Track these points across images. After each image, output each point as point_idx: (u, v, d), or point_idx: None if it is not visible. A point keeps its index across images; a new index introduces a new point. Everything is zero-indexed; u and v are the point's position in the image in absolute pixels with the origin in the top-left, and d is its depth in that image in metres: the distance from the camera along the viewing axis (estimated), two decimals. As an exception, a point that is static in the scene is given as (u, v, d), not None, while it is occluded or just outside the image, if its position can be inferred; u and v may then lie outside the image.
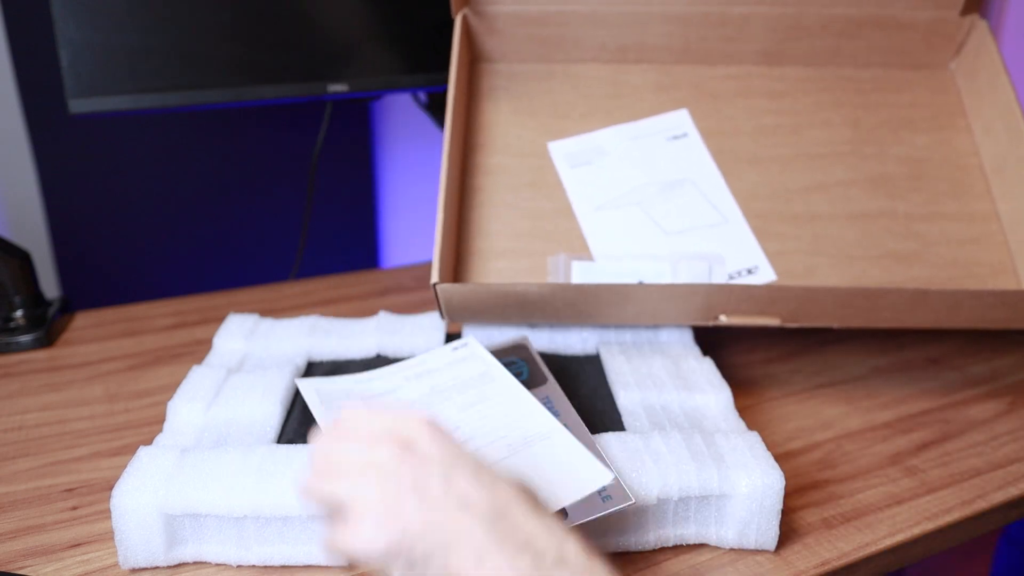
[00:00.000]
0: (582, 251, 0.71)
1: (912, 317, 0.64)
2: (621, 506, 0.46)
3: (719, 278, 0.68)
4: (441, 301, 0.63)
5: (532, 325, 0.70)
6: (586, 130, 0.77)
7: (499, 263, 0.71)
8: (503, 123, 0.77)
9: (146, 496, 0.47)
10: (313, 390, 0.57)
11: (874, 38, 0.79)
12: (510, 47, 0.79)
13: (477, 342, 0.63)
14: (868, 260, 0.71)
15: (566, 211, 0.73)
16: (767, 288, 0.62)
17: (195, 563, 0.49)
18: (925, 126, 0.78)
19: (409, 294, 0.91)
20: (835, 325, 0.65)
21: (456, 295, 0.63)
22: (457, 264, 0.70)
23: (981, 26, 0.77)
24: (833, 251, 0.71)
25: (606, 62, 0.80)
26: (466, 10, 0.77)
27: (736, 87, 0.79)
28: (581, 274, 0.69)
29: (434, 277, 0.62)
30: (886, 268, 0.71)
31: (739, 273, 0.67)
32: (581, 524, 0.49)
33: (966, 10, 0.77)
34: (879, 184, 0.75)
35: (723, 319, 0.64)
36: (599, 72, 0.80)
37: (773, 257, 0.71)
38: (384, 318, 0.72)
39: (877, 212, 0.73)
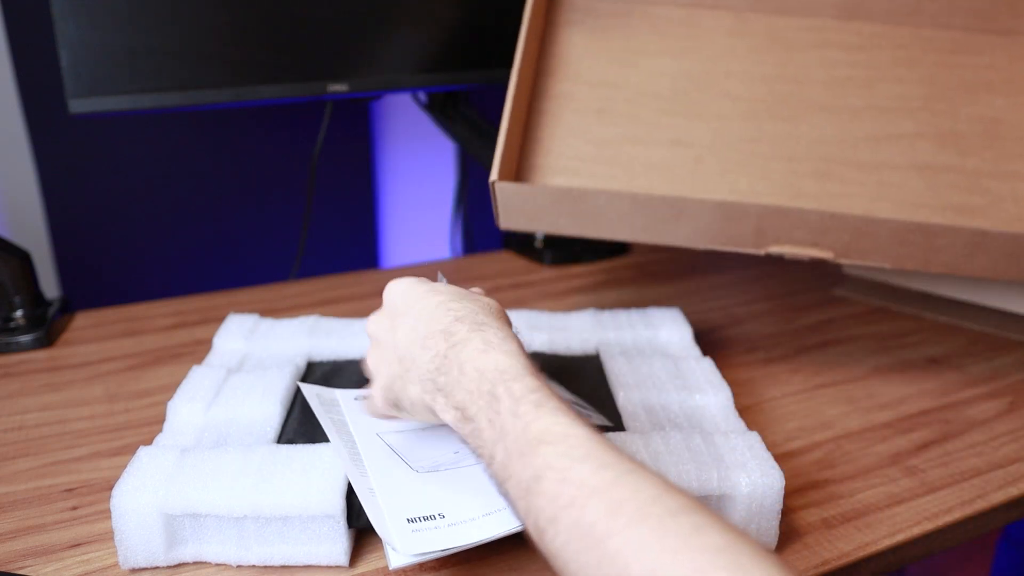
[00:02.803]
0: (643, 181, 0.71)
1: (969, 264, 0.63)
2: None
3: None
4: (499, 200, 0.64)
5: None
6: (656, 66, 0.77)
7: (557, 179, 0.71)
8: (576, 53, 0.78)
9: (146, 496, 0.47)
10: (314, 394, 0.58)
11: (957, 0, 0.78)
12: None
13: None
14: (930, 209, 0.70)
15: (631, 139, 0.73)
16: (821, 215, 0.62)
17: (195, 563, 0.49)
18: (1002, 89, 0.77)
19: (409, 294, 0.90)
20: (887, 265, 0.64)
21: (516, 196, 0.64)
22: (517, 172, 0.71)
23: None
24: (895, 198, 0.71)
25: (682, 5, 0.81)
26: None
27: (811, 39, 0.79)
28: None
29: (493, 175, 0.63)
30: (948, 219, 0.69)
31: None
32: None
33: None
34: (949, 140, 0.74)
35: (774, 249, 0.63)
36: (675, 14, 0.81)
37: (833, 199, 0.70)
38: (384, 318, 0.72)
39: (945, 166, 0.72)
